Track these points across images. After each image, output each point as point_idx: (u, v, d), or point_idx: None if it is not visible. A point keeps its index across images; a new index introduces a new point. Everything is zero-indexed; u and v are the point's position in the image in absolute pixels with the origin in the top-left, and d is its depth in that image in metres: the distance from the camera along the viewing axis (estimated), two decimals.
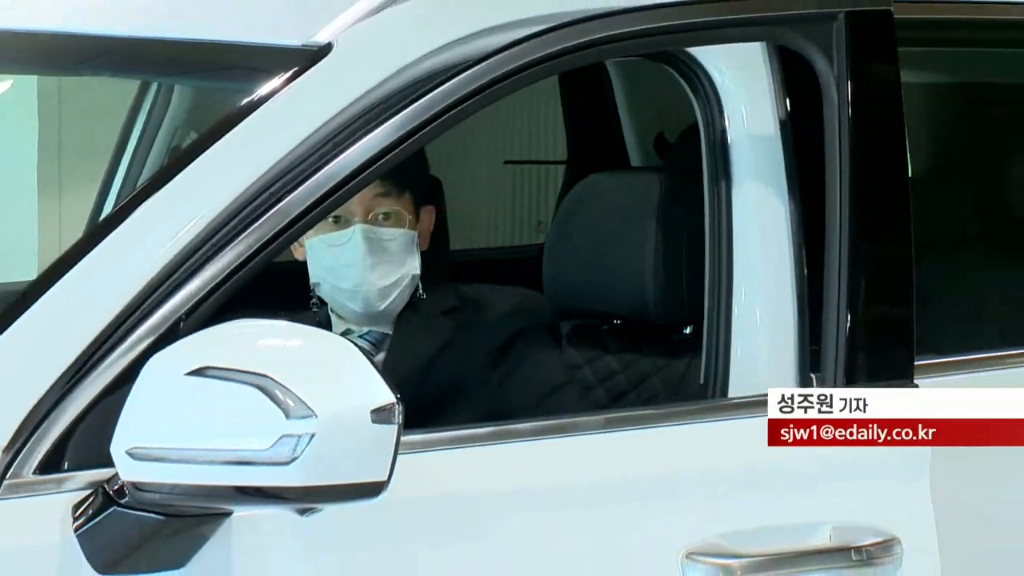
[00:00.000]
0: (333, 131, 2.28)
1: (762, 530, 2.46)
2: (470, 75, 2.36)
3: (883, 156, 2.62)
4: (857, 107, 2.56)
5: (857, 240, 2.56)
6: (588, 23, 2.40)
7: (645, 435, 2.48)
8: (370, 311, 2.86)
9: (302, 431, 1.90)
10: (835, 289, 2.56)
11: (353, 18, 2.41)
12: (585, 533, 2.36)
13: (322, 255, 2.82)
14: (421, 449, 2.26)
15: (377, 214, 2.82)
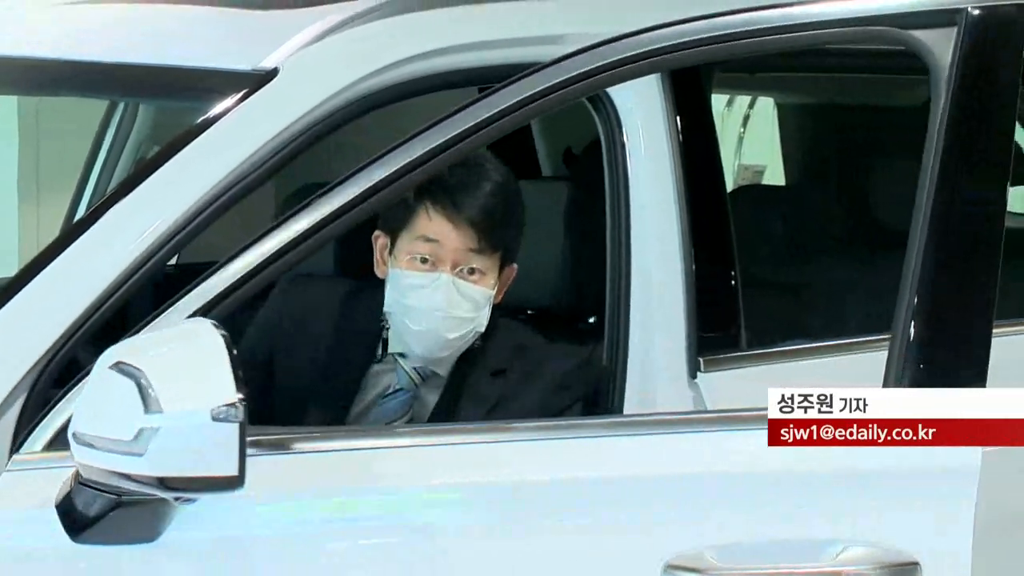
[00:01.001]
0: (278, 146, 2.28)
1: (755, 544, 2.18)
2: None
3: (979, 160, 2.23)
4: (960, 108, 2.20)
5: (941, 238, 2.19)
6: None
7: (636, 441, 2.26)
8: (429, 356, 2.59)
9: (152, 425, 1.86)
10: (910, 290, 2.19)
11: (297, 46, 2.41)
12: (567, 537, 2.18)
13: (403, 289, 2.53)
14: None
15: (464, 268, 2.52)
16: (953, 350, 2.14)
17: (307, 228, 2.14)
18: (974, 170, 2.17)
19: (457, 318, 2.51)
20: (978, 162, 2.17)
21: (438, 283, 2.50)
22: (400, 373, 2.62)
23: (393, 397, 2.62)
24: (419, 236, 2.52)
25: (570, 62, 2.21)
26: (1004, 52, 2.16)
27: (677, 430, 2.24)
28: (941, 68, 2.15)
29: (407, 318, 2.53)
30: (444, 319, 2.51)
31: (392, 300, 2.55)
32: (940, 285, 2.13)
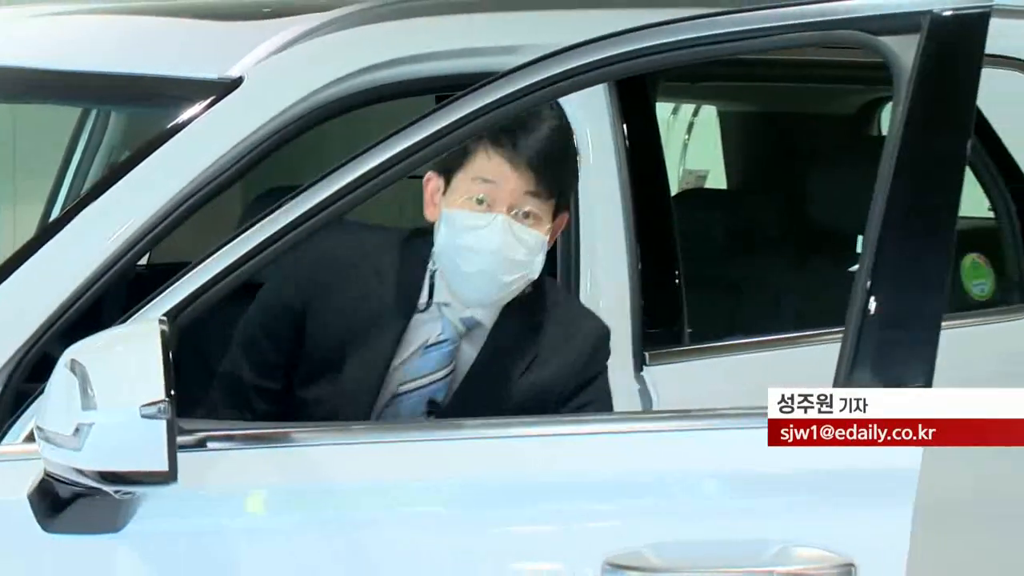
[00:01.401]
0: (244, 151, 2.27)
1: (694, 543, 2.09)
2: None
3: (938, 161, 2.17)
4: (919, 110, 2.14)
5: (897, 238, 2.12)
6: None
7: (579, 440, 2.17)
8: (481, 300, 2.43)
9: (87, 421, 1.84)
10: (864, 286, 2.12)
11: (261, 55, 2.41)
12: (510, 533, 2.11)
13: (457, 229, 2.36)
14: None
15: (521, 211, 2.36)
16: (904, 347, 2.09)
17: (275, 232, 2.09)
18: (930, 171, 2.13)
19: (511, 260, 2.35)
20: (934, 163, 2.13)
21: (494, 224, 2.33)
22: (445, 323, 2.45)
23: (436, 348, 2.45)
24: (476, 177, 2.36)
25: (523, 72, 2.18)
26: (965, 56, 2.13)
27: (620, 429, 2.19)
28: (903, 71, 2.11)
29: (460, 259, 2.37)
30: (499, 261, 2.35)
31: (444, 241, 2.39)
32: (893, 283, 2.09)
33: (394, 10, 2.58)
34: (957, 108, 2.15)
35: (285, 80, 2.39)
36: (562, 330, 2.47)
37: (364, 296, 2.44)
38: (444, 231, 2.38)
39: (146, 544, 2.02)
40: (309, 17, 2.49)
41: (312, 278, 2.45)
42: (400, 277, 2.46)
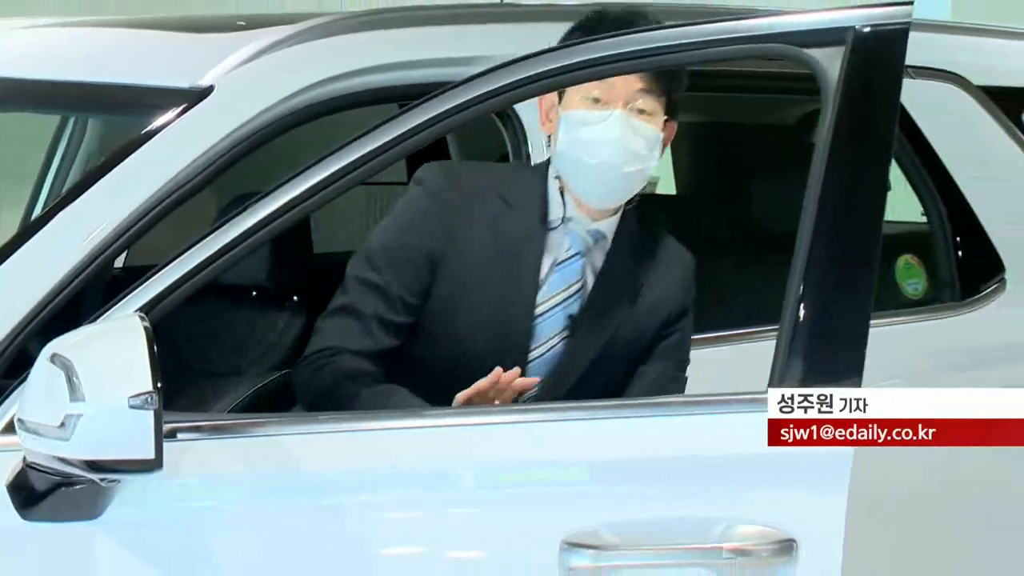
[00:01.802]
0: (213, 157, 2.28)
1: (646, 522, 2.11)
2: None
3: (862, 167, 2.19)
4: (845, 119, 2.16)
5: (827, 241, 2.14)
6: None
7: (538, 427, 2.18)
8: (605, 193, 2.39)
9: (76, 412, 1.85)
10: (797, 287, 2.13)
11: (231, 66, 2.40)
12: (472, 515, 2.13)
13: (577, 127, 2.34)
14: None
15: (635, 107, 2.33)
16: (834, 345, 2.10)
17: (240, 233, 2.10)
18: (856, 177, 2.15)
19: (631, 151, 2.33)
20: (860, 170, 2.15)
21: (612, 117, 2.32)
22: (573, 237, 2.42)
23: (567, 263, 2.42)
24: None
25: (479, 81, 2.19)
26: (886, 68, 2.16)
27: (578, 417, 2.20)
28: (830, 83, 2.14)
29: (583, 153, 2.34)
30: (620, 151, 2.33)
31: (565, 141, 2.36)
32: (823, 285, 2.11)
33: (357, 23, 2.58)
34: (880, 117, 2.18)
35: (253, 89, 2.39)
36: (666, 252, 2.53)
37: (496, 223, 2.40)
38: (564, 132, 2.36)
39: (122, 530, 2.02)
40: (277, 29, 2.50)
41: (445, 212, 2.40)
42: (527, 199, 2.42)
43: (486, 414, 2.22)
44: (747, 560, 2.08)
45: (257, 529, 2.09)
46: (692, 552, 2.09)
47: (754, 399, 2.10)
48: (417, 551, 2.13)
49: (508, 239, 2.39)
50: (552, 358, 2.43)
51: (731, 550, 2.08)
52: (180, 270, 2.07)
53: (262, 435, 2.12)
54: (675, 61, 2.27)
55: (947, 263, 3.18)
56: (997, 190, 3.15)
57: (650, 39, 2.22)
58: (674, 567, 2.11)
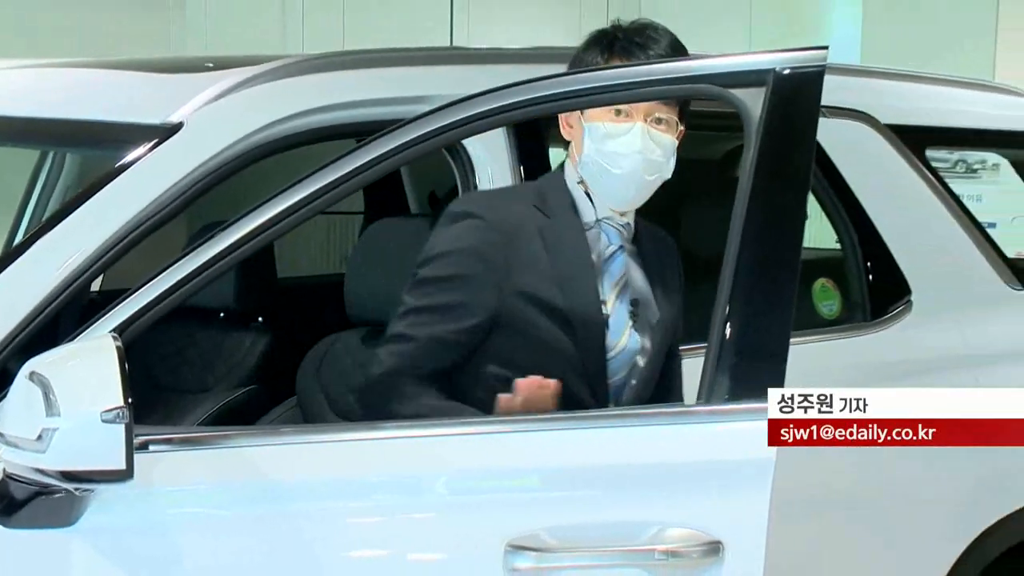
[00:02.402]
0: (183, 187, 2.27)
1: (584, 526, 2.10)
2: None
3: (782, 198, 2.19)
4: (766, 154, 2.18)
5: (750, 266, 2.15)
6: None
7: (485, 438, 2.17)
8: (629, 199, 2.36)
9: (52, 426, 1.85)
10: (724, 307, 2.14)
11: (199, 103, 2.39)
12: (422, 519, 2.11)
13: (602, 138, 2.30)
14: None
15: (654, 117, 2.31)
16: (757, 361, 2.11)
17: (208, 259, 2.10)
18: (777, 207, 2.16)
19: (652, 161, 2.31)
20: (780, 200, 2.16)
21: (634, 130, 2.29)
22: (612, 233, 2.39)
23: (612, 259, 2.38)
24: None
25: (431, 118, 2.19)
26: (803, 108, 2.17)
27: (523, 428, 2.19)
28: (752, 120, 2.15)
29: (608, 163, 2.32)
30: (642, 161, 2.30)
31: (591, 151, 2.33)
32: (747, 306, 2.12)
33: (317, 64, 2.58)
34: (798, 152, 2.20)
35: (220, 125, 2.37)
36: (659, 234, 2.53)
37: (543, 234, 2.34)
38: (589, 142, 2.33)
39: (96, 536, 2.00)
40: (242, 70, 2.49)
41: (499, 235, 2.32)
42: (560, 207, 2.38)
43: (440, 427, 2.21)
44: (677, 561, 2.08)
45: (225, 534, 2.07)
46: (626, 554, 2.09)
47: (683, 411, 2.11)
48: (375, 553, 2.12)
49: (558, 245, 2.34)
50: (632, 346, 2.37)
51: (662, 552, 2.08)
52: (152, 293, 2.06)
53: (229, 446, 2.10)
54: (613, 99, 2.28)
55: (859, 286, 3.20)
56: (903, 219, 3.18)
57: (590, 79, 2.23)
58: (609, 567, 2.10)
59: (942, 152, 5.72)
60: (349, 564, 2.10)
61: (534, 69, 2.30)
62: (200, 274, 2.09)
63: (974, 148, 5.20)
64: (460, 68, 2.79)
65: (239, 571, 2.07)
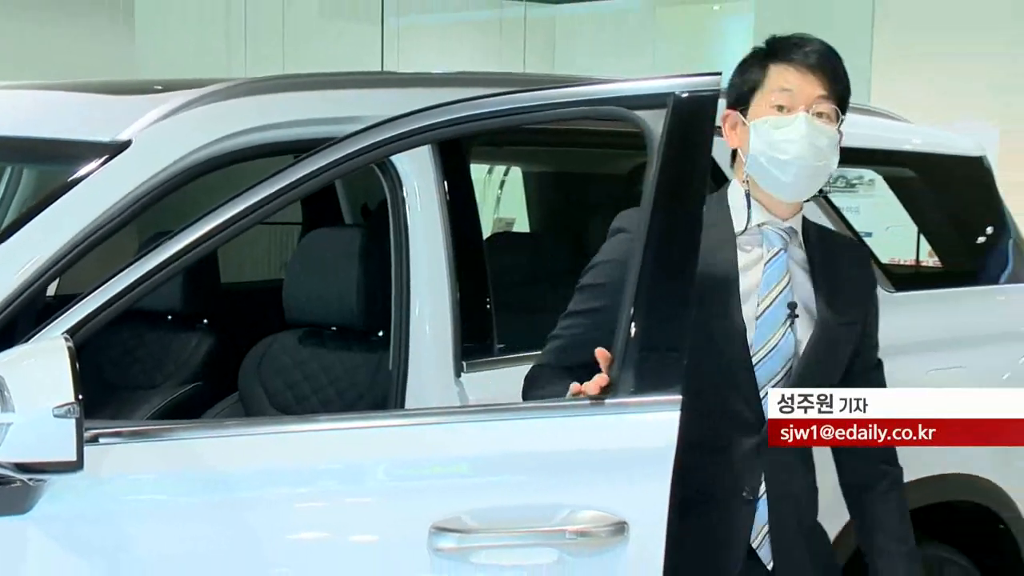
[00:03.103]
0: (131, 200, 2.23)
1: (502, 509, 2.09)
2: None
3: (681, 209, 2.17)
4: (667, 169, 2.16)
5: (652, 271, 2.13)
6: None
7: (413, 429, 2.16)
8: (797, 186, 2.23)
9: (6, 421, 1.84)
10: (628, 312, 2.11)
11: (147, 122, 2.35)
12: (354, 504, 2.10)
13: (767, 132, 2.20)
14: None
15: (815, 111, 2.21)
16: (659, 358, 2.11)
17: (155, 266, 2.08)
18: (676, 217, 2.16)
19: (818, 148, 2.19)
20: (679, 211, 2.17)
21: (798, 119, 2.19)
22: (773, 237, 2.28)
23: (773, 261, 2.27)
24: (775, 89, 2.23)
25: (362, 136, 2.18)
26: (700, 127, 2.17)
27: (448, 420, 2.20)
28: (654, 139, 2.16)
29: (775, 151, 2.20)
30: (808, 146, 2.19)
31: (758, 146, 2.23)
32: (650, 308, 2.11)
33: (257, 86, 2.55)
34: (695, 167, 2.20)
35: (167, 143, 2.33)
36: (843, 241, 2.43)
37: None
38: (755, 138, 2.23)
39: (49, 524, 1.97)
40: (187, 92, 2.45)
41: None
42: (715, 218, 2.29)
43: (371, 419, 2.21)
44: (586, 540, 2.08)
45: (171, 521, 2.05)
46: (540, 534, 2.09)
47: (592, 404, 2.10)
48: (314, 536, 2.10)
49: (707, 253, 2.23)
50: (785, 347, 2.23)
51: (573, 532, 2.08)
52: (102, 298, 2.04)
53: (175, 439, 2.08)
54: (527, 120, 2.28)
55: None
56: None
57: (507, 101, 2.23)
58: (525, 547, 2.10)
59: None
60: (289, 546, 2.08)
61: (456, 92, 2.29)
62: (147, 280, 2.07)
63: (853, 165, 5.25)
64: (388, 91, 2.78)
65: (185, 555, 2.04)
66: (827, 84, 2.23)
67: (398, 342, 2.54)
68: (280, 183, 2.13)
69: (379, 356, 2.82)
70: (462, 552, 2.07)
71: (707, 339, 2.19)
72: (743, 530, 2.22)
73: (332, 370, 2.94)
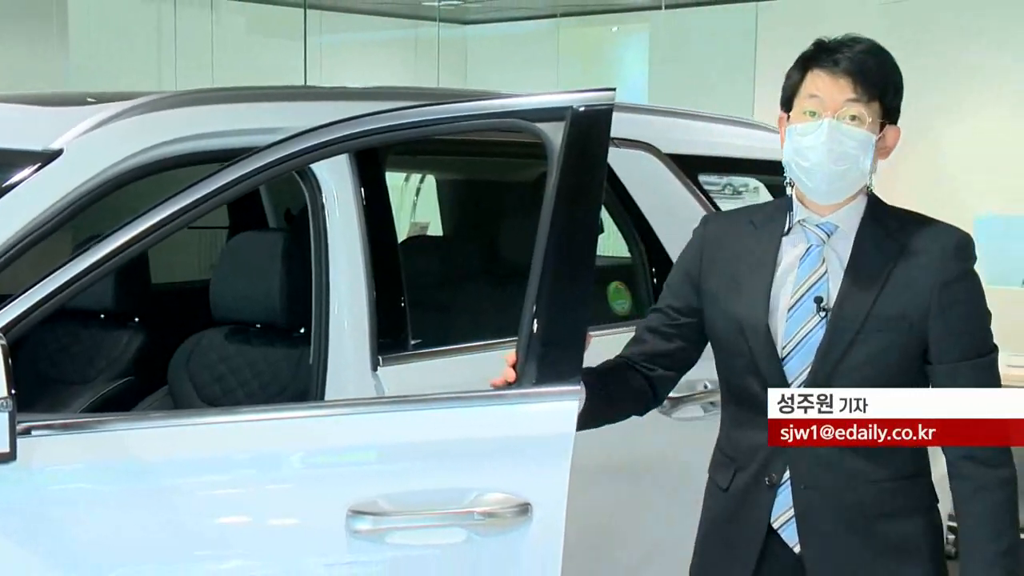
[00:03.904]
0: (63, 206, 2.19)
1: (415, 493, 2.08)
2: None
3: (579, 214, 2.17)
4: (566, 178, 2.16)
5: (552, 271, 2.13)
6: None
7: (332, 420, 2.14)
8: (821, 189, 2.12)
9: None
10: (532, 307, 2.11)
11: (78, 132, 2.31)
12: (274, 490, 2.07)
13: (795, 138, 2.12)
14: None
15: (844, 114, 2.09)
16: (559, 351, 2.10)
17: (87, 267, 2.03)
18: (575, 222, 2.16)
19: (839, 152, 2.09)
20: (577, 216, 2.16)
21: (821, 126, 2.09)
22: (808, 234, 2.16)
23: (807, 255, 2.15)
24: (806, 95, 2.14)
25: (282, 145, 2.15)
26: (597, 138, 2.17)
27: (363, 411, 2.18)
28: (554, 149, 2.15)
29: (799, 158, 2.12)
30: (827, 152, 2.08)
31: (788, 152, 2.15)
32: (551, 304, 2.11)
33: (184, 99, 2.51)
34: (592, 176, 2.21)
35: (97, 152, 2.29)
36: (926, 232, 2.14)
37: (743, 241, 2.21)
38: (787, 144, 2.16)
39: None
40: (117, 104, 2.41)
41: (699, 242, 2.28)
42: (770, 219, 2.22)
43: (293, 410, 2.19)
44: (493, 520, 2.08)
45: (101, 508, 2.01)
46: (451, 516, 2.09)
47: (498, 394, 2.10)
48: (238, 520, 2.07)
49: (745, 254, 2.20)
50: (813, 341, 2.10)
51: (481, 513, 2.08)
52: (34, 298, 1.99)
53: (106, 431, 2.04)
54: (437, 131, 2.26)
55: (646, 287, 3.24)
56: (681, 232, 3.21)
57: (418, 114, 2.22)
58: (436, 528, 2.10)
59: (712, 177, 5.85)
60: (214, 530, 2.05)
61: (373, 105, 2.28)
62: (79, 280, 2.02)
63: (738, 174, 5.32)
64: (309, 104, 2.76)
65: (115, 540, 2.00)
66: (858, 87, 2.11)
67: (318, 338, 2.52)
68: (205, 189, 2.10)
69: (300, 351, 2.80)
70: (378, 533, 2.06)
71: (738, 331, 2.14)
72: (762, 512, 2.13)
73: (256, 365, 2.91)
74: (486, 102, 2.25)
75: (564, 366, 2.09)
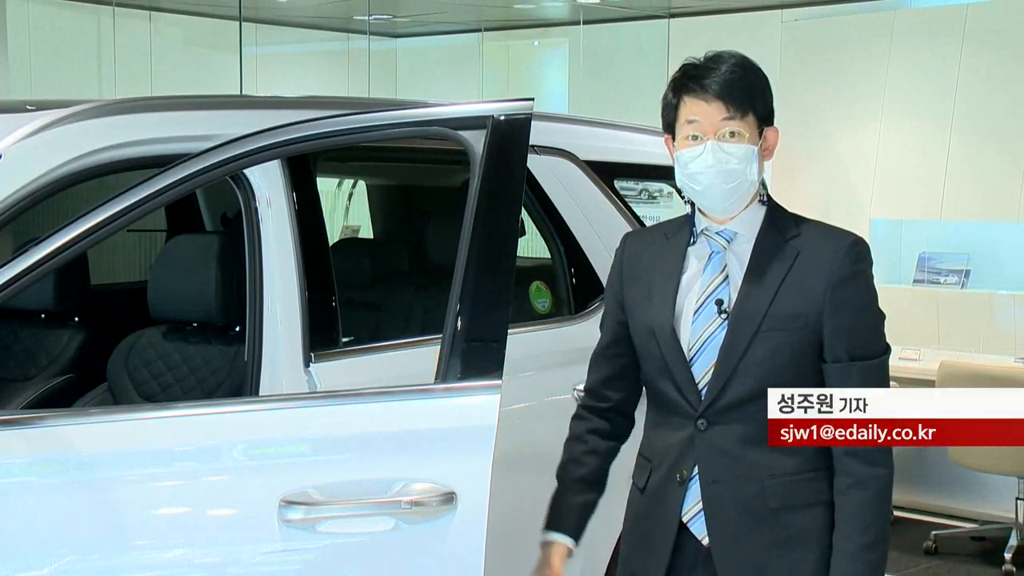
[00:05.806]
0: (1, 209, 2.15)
1: (345, 483, 2.07)
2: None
3: (500, 218, 2.18)
4: (487, 183, 2.17)
5: (475, 271, 2.13)
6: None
7: (265, 414, 2.12)
8: (718, 206, 2.11)
9: None
10: (456, 302, 2.11)
11: (16, 138, 2.25)
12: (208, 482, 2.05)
13: (683, 163, 2.09)
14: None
15: (724, 133, 2.07)
16: (482, 348, 2.11)
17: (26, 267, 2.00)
18: (496, 225, 2.17)
19: (727, 170, 2.07)
20: (499, 220, 2.17)
21: (705, 148, 2.07)
22: (709, 242, 2.14)
23: (709, 262, 2.13)
24: (684, 121, 2.11)
25: (217, 151, 2.13)
26: (516, 146, 2.18)
27: (295, 406, 2.16)
28: (477, 156, 2.16)
29: (692, 183, 2.11)
30: (717, 173, 2.07)
31: (680, 176, 2.13)
32: (474, 303, 2.11)
33: (121, 106, 2.47)
34: (512, 181, 2.22)
35: (35, 158, 2.24)
36: (821, 235, 2.12)
37: (653, 252, 2.19)
38: (677, 169, 2.14)
39: None
40: (55, 111, 2.36)
41: (619, 258, 2.24)
42: (680, 229, 2.19)
43: (228, 405, 2.18)
44: (420, 509, 2.08)
45: (42, 500, 1.97)
46: (379, 505, 2.08)
47: (424, 389, 2.10)
48: (175, 511, 2.06)
49: (657, 263, 2.18)
50: (717, 339, 2.09)
51: (408, 502, 2.08)
52: None
53: (46, 426, 2.01)
54: (365, 138, 2.25)
55: (565, 287, 3.25)
56: (599, 234, 3.25)
57: (347, 122, 2.21)
58: (365, 516, 2.09)
59: (628, 182, 5.90)
60: (151, 520, 2.03)
61: (304, 114, 2.26)
62: (17, 281, 1.98)
63: (652, 180, 5.36)
64: (242, 112, 2.72)
65: (55, 530, 1.97)
66: (730, 106, 2.09)
67: (252, 336, 2.49)
68: (143, 193, 2.07)
69: (236, 349, 2.77)
70: (309, 522, 2.05)
71: (650, 335, 2.13)
72: (674, 507, 2.11)
73: (193, 361, 2.87)
74: (412, 111, 2.25)
75: (486, 361, 2.09)
